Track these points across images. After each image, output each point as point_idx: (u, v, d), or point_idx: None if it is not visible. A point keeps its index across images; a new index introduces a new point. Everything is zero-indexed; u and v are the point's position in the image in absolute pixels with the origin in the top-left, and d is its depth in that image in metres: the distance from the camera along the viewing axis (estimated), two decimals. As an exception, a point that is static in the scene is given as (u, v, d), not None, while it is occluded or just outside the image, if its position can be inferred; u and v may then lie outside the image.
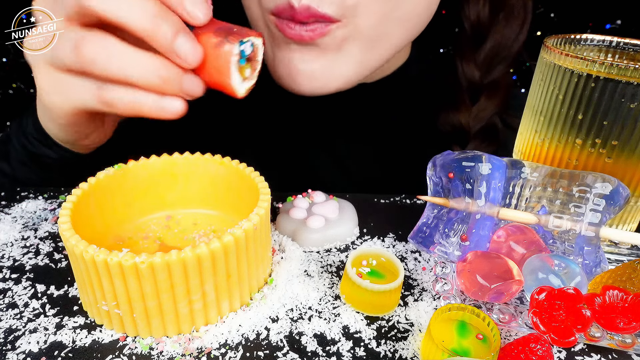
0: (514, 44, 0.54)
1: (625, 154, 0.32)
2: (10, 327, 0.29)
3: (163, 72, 0.32)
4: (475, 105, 0.55)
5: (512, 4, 0.53)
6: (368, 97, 0.56)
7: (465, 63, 0.55)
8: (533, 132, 0.37)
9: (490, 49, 0.54)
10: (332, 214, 0.39)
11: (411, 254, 0.37)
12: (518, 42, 0.54)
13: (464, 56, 0.55)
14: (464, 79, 0.55)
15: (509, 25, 0.53)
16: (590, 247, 0.31)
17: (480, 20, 0.54)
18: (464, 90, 0.55)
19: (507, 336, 0.30)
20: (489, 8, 0.53)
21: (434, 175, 0.34)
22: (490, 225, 0.33)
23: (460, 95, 0.55)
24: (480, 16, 0.54)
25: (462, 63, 0.55)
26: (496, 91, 0.55)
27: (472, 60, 0.55)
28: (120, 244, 0.35)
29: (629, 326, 0.27)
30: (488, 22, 0.54)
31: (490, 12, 0.54)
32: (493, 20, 0.54)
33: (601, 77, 0.31)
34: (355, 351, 0.28)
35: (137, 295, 0.27)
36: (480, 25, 0.54)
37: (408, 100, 0.58)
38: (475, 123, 0.55)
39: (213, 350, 0.28)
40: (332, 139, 0.57)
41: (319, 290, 0.33)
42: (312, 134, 0.57)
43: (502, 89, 0.55)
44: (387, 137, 0.58)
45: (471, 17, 0.54)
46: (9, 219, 0.40)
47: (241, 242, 0.29)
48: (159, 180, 0.37)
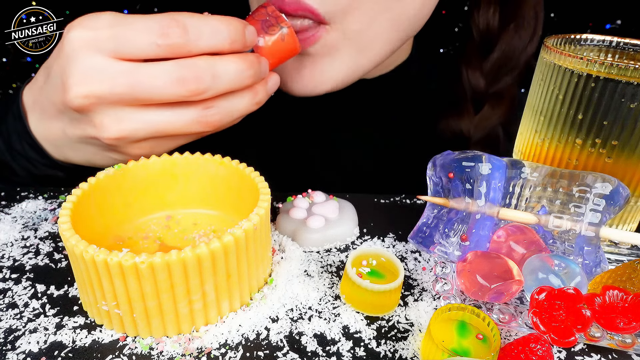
0: (521, 54, 0.53)
1: (625, 154, 0.32)
2: (10, 327, 0.29)
3: (252, 69, 0.35)
4: (479, 114, 0.54)
5: (524, 15, 0.52)
6: (368, 95, 0.56)
7: (471, 70, 0.54)
8: (533, 132, 0.37)
9: (497, 59, 0.53)
10: (332, 214, 0.39)
11: (411, 254, 0.37)
12: (526, 53, 0.53)
13: (470, 63, 0.54)
14: (469, 86, 0.54)
15: (518, 35, 0.52)
16: (590, 247, 0.31)
17: (490, 29, 0.53)
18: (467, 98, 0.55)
19: (507, 336, 0.30)
20: (499, 17, 0.52)
21: (434, 175, 0.34)
22: (490, 225, 0.33)
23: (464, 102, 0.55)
24: (490, 24, 0.52)
25: (467, 70, 0.54)
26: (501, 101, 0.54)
27: (478, 68, 0.54)
28: (120, 244, 0.35)
29: (629, 326, 0.27)
30: (497, 31, 0.53)
31: (500, 21, 0.52)
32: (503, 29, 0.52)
33: (601, 77, 0.31)
34: (355, 351, 0.28)
35: (137, 295, 0.27)
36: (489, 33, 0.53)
37: (409, 98, 0.58)
38: (477, 132, 0.54)
39: (213, 350, 0.28)
40: (333, 139, 0.57)
41: (319, 290, 0.33)
42: (312, 133, 0.57)
43: (507, 99, 0.54)
44: (388, 137, 0.58)
45: (480, 25, 0.53)
46: (9, 219, 0.40)
47: (241, 242, 0.29)
48: (159, 180, 0.37)
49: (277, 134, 0.58)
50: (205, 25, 0.33)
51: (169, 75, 0.32)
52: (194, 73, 0.32)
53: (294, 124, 0.57)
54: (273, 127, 0.58)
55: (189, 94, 0.33)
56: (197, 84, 0.33)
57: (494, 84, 0.54)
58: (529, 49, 0.53)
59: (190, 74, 0.32)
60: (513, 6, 0.52)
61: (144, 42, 0.32)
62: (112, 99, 0.33)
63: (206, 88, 0.33)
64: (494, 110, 0.54)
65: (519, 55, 0.53)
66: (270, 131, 0.58)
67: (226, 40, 0.33)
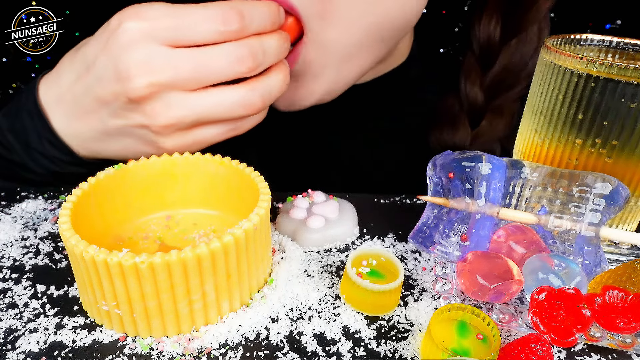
0: (522, 71, 0.51)
1: (625, 154, 0.32)
2: (10, 327, 0.29)
3: (287, 42, 0.39)
4: (475, 129, 0.53)
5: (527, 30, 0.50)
6: (368, 95, 0.55)
7: (469, 84, 0.52)
8: (533, 132, 0.37)
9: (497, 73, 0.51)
10: (332, 214, 0.39)
11: (411, 254, 0.37)
12: (527, 70, 0.51)
13: (469, 77, 0.52)
14: (466, 100, 0.53)
15: (520, 51, 0.50)
16: (590, 247, 0.31)
17: (490, 42, 0.51)
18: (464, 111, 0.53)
19: (507, 336, 0.30)
20: (500, 30, 0.50)
21: (434, 175, 0.34)
22: (490, 225, 0.33)
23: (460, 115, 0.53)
24: (491, 37, 0.51)
25: (466, 84, 0.52)
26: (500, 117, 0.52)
27: (476, 82, 0.52)
28: (120, 244, 0.35)
29: (629, 326, 0.27)
30: (498, 45, 0.51)
31: (502, 35, 0.50)
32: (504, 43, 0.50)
33: (601, 77, 0.31)
34: (355, 351, 0.28)
35: (137, 295, 0.27)
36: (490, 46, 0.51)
37: (408, 99, 0.58)
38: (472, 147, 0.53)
39: (213, 350, 0.28)
40: (333, 139, 0.57)
41: (319, 290, 0.33)
42: (312, 133, 0.57)
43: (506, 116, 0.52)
44: (387, 137, 0.58)
45: (481, 38, 0.51)
46: (9, 219, 0.40)
47: (241, 242, 0.29)
48: (159, 180, 0.37)
49: (277, 134, 0.58)
50: (255, 10, 0.36)
51: (229, 56, 0.35)
52: (250, 51, 0.36)
53: (294, 125, 0.57)
54: (273, 127, 0.58)
55: (247, 70, 0.36)
56: (254, 61, 0.36)
57: (492, 100, 0.53)
58: (530, 65, 0.50)
59: (247, 53, 0.36)
60: (516, 20, 0.50)
61: (206, 29, 0.35)
62: (176, 85, 0.35)
63: (260, 63, 0.37)
64: (491, 125, 0.52)
65: (520, 72, 0.51)
66: (271, 131, 0.58)
67: (269, 21, 0.37)
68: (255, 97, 0.37)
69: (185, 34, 0.35)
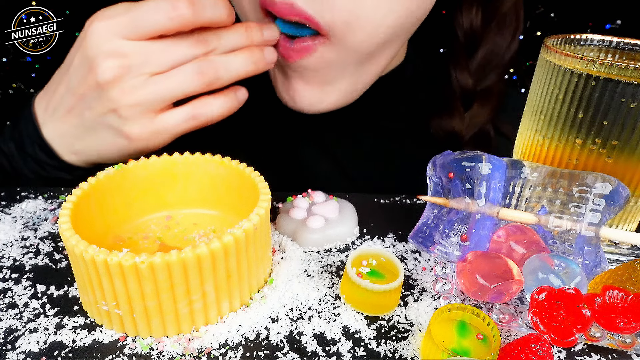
0: (505, 52, 0.55)
1: (625, 154, 0.32)
2: (10, 327, 0.29)
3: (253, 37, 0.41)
4: (469, 112, 0.55)
5: (504, 13, 0.54)
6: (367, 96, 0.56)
7: (459, 71, 0.55)
8: (533, 131, 0.37)
9: (482, 57, 0.55)
10: (332, 214, 0.39)
11: (411, 254, 0.37)
12: (510, 50, 0.55)
13: (458, 64, 0.55)
14: (458, 86, 0.56)
15: (501, 33, 0.54)
16: (590, 247, 0.31)
17: (473, 29, 0.54)
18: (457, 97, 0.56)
19: (507, 336, 0.30)
20: (481, 17, 0.54)
21: (434, 175, 0.34)
22: (490, 225, 0.33)
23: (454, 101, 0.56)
24: (473, 24, 0.54)
25: (455, 71, 0.56)
26: (489, 98, 0.56)
27: (465, 68, 0.55)
28: (120, 244, 0.35)
29: (629, 326, 0.27)
30: (480, 31, 0.55)
31: (483, 21, 0.54)
32: (485, 28, 0.54)
33: (601, 77, 0.31)
34: (355, 351, 0.28)
35: (137, 295, 0.27)
36: (473, 33, 0.55)
37: (407, 99, 0.58)
38: (468, 130, 0.55)
39: (213, 350, 0.28)
40: (333, 139, 0.57)
41: (319, 290, 0.33)
42: (312, 133, 0.57)
43: (494, 96, 0.56)
44: (387, 137, 0.58)
45: (464, 26, 0.55)
46: (9, 219, 0.40)
47: (241, 242, 0.29)
48: (159, 180, 0.37)
49: (277, 134, 0.58)
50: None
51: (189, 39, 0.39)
52: (207, 37, 0.39)
53: (294, 125, 0.57)
54: (273, 127, 0.58)
55: (205, 51, 0.39)
56: (208, 46, 0.39)
57: (481, 82, 0.56)
58: (512, 46, 0.55)
59: (207, 37, 0.39)
60: (494, 6, 0.54)
61: (159, 17, 0.37)
62: (140, 69, 0.38)
63: (216, 46, 0.40)
64: (483, 107, 0.55)
65: (503, 53, 0.55)
66: (271, 131, 0.58)
67: (224, 12, 0.39)
68: (209, 66, 0.39)
69: (142, 25, 0.37)
